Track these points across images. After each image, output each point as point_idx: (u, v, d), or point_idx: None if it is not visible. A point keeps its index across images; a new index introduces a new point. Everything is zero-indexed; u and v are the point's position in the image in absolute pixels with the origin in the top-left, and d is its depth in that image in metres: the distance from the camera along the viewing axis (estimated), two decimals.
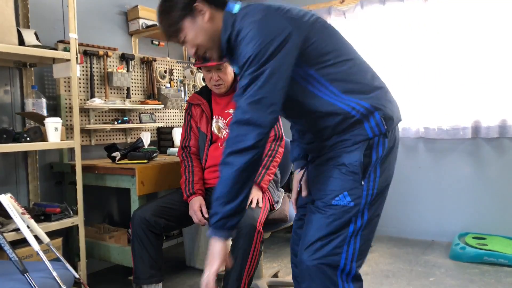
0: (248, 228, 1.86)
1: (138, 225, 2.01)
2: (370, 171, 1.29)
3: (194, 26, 1.34)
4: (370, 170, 1.29)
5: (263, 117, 1.19)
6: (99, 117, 2.89)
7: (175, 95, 3.30)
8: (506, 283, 2.52)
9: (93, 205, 2.85)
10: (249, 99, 1.20)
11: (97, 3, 2.97)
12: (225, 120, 2.24)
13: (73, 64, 2.24)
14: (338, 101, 1.28)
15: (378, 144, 1.29)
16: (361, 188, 1.28)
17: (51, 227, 2.16)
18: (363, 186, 1.28)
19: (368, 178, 1.29)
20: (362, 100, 1.29)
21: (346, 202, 1.28)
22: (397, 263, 2.91)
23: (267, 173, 2.12)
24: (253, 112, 1.19)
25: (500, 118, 3.10)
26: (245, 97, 1.21)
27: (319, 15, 1.34)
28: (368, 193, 1.29)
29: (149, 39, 3.35)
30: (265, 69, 1.19)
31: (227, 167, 1.22)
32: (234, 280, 1.86)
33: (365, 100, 1.29)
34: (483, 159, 3.22)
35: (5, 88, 2.44)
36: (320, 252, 1.28)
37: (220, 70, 2.11)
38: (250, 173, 1.23)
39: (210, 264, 1.31)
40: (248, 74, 1.21)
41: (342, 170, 1.29)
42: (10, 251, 1.50)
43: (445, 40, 3.26)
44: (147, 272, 2.01)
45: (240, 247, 1.86)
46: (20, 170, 2.50)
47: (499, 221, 3.15)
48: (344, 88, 1.29)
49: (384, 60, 3.49)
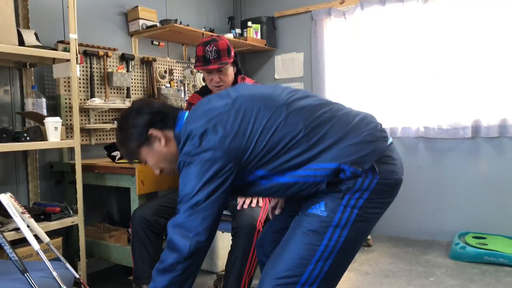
0: (248, 227, 1.86)
1: (138, 224, 2.01)
2: (351, 197, 1.26)
3: (153, 152, 1.39)
4: (352, 197, 1.26)
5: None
6: (99, 117, 2.89)
7: (175, 95, 3.31)
8: (506, 283, 2.52)
9: (93, 204, 2.85)
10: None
11: (97, 4, 2.97)
12: None
13: (73, 64, 2.24)
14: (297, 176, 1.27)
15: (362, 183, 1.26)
16: (338, 203, 1.26)
17: (51, 226, 2.16)
18: (342, 202, 1.26)
19: (348, 201, 1.26)
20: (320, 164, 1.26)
21: (320, 211, 1.27)
22: (397, 263, 2.91)
23: None
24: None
25: (500, 117, 3.10)
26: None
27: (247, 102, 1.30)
28: (344, 213, 1.26)
29: (149, 39, 3.35)
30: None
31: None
32: (234, 280, 1.86)
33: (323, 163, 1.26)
34: (483, 159, 3.21)
35: (5, 88, 2.44)
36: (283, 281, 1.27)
37: (221, 71, 2.11)
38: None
39: None
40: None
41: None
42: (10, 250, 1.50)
43: (445, 40, 3.26)
44: (147, 271, 2.01)
45: (240, 246, 1.86)
46: (20, 170, 2.50)
47: (499, 221, 3.15)
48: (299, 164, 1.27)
49: (384, 61, 3.50)
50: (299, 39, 3.97)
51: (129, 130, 1.38)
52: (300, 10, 3.92)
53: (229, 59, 2.11)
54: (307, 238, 1.26)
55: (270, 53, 4.15)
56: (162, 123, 1.37)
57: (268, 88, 1.40)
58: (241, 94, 1.34)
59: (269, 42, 3.99)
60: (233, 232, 1.93)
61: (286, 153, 1.25)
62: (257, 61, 4.24)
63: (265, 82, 4.19)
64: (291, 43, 4.03)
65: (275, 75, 4.15)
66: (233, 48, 2.15)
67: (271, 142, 1.25)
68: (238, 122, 1.26)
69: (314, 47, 3.83)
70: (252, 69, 4.29)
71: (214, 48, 2.07)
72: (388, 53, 3.47)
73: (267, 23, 3.96)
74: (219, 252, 2.75)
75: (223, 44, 2.10)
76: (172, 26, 3.07)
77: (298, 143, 1.25)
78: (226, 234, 2.64)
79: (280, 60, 4.10)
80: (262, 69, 4.23)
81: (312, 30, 3.84)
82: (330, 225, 1.25)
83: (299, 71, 3.99)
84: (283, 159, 1.26)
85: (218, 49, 2.08)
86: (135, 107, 1.40)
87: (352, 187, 1.25)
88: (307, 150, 1.25)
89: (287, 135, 1.25)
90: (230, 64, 2.14)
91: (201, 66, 2.12)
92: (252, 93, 1.36)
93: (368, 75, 3.58)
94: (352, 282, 2.59)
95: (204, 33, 3.30)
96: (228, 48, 2.11)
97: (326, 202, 1.27)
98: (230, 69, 2.15)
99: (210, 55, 2.08)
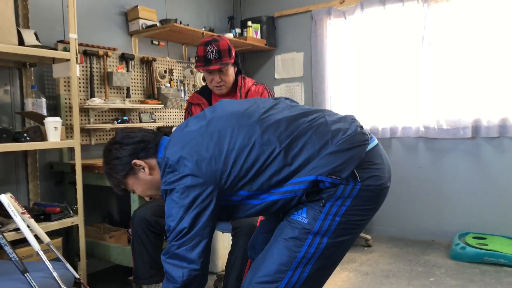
0: (248, 227, 1.86)
1: (138, 224, 2.01)
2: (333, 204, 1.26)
3: (139, 181, 1.41)
4: (335, 204, 1.26)
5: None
6: (99, 117, 2.88)
7: (175, 94, 3.30)
8: (506, 283, 2.52)
9: (93, 204, 2.85)
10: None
11: (97, 4, 2.97)
12: None
13: (73, 64, 2.24)
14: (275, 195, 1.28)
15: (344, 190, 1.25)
16: (319, 211, 1.25)
17: (51, 226, 2.15)
18: (323, 210, 1.25)
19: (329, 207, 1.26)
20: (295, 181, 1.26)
21: (301, 218, 1.27)
22: (397, 263, 2.91)
23: None
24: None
25: (500, 117, 3.10)
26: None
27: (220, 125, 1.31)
28: (326, 220, 1.25)
29: (149, 39, 3.35)
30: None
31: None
32: (234, 280, 1.86)
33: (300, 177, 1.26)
34: (483, 159, 3.21)
35: (5, 88, 2.44)
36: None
37: (222, 72, 2.11)
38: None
39: None
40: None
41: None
42: (10, 251, 1.50)
43: (445, 40, 3.26)
44: (147, 272, 2.01)
45: (240, 246, 1.86)
46: (20, 170, 2.50)
47: (499, 221, 3.15)
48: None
49: (384, 61, 3.49)
50: (299, 39, 3.97)
51: (113, 162, 1.40)
52: (300, 10, 3.92)
53: (230, 59, 2.11)
54: (288, 244, 1.27)
55: (270, 53, 4.15)
56: (144, 152, 1.38)
57: (244, 104, 1.40)
58: (216, 115, 1.35)
59: (269, 42, 3.99)
60: (233, 232, 1.93)
61: (265, 171, 1.25)
62: (257, 61, 4.24)
63: (265, 82, 4.19)
64: (291, 43, 4.03)
65: (275, 75, 4.14)
66: (233, 48, 2.15)
67: (248, 162, 1.25)
68: (212, 145, 1.26)
69: (314, 47, 3.83)
70: (252, 69, 4.29)
71: (215, 48, 2.06)
72: (388, 53, 3.47)
73: (267, 22, 3.96)
74: (219, 252, 2.75)
75: (224, 44, 2.09)
76: (172, 25, 3.07)
77: (275, 160, 1.25)
78: (226, 234, 2.64)
79: (280, 60, 4.10)
80: (262, 69, 4.23)
81: (312, 30, 3.84)
82: (310, 232, 1.25)
83: (299, 71, 3.99)
84: (264, 178, 1.26)
85: (219, 49, 2.07)
86: (118, 138, 1.42)
87: (333, 194, 1.25)
88: (286, 165, 1.25)
89: (264, 153, 1.25)
90: (231, 65, 2.14)
91: (202, 66, 2.11)
92: (227, 112, 1.36)
93: (368, 75, 3.58)
94: (352, 282, 2.59)
95: (204, 33, 3.30)
96: (229, 48, 2.10)
97: (308, 209, 1.27)
98: (231, 69, 2.14)
99: (211, 55, 2.07)
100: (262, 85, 2.25)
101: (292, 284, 1.26)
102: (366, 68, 3.58)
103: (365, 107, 3.61)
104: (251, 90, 2.20)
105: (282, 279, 1.26)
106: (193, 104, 2.29)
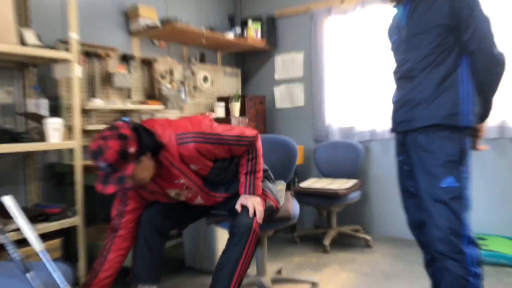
0: (245, 227, 1.85)
1: (147, 223, 1.98)
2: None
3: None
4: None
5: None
6: (100, 118, 2.88)
7: (176, 95, 3.30)
8: (506, 284, 2.52)
9: (93, 205, 2.85)
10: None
11: (98, 3, 2.97)
12: (178, 189, 1.96)
13: (74, 64, 2.24)
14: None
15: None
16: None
17: (51, 227, 2.16)
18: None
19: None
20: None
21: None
22: (398, 263, 2.91)
23: (256, 177, 2.00)
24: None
25: (499, 118, 3.10)
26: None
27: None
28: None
29: (150, 39, 3.35)
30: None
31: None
32: (226, 275, 1.83)
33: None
34: (483, 160, 3.21)
35: (7, 89, 2.44)
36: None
37: (133, 177, 1.73)
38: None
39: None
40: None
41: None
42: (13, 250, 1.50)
43: None
44: (146, 272, 2.00)
45: (235, 243, 1.85)
46: (20, 171, 2.50)
47: (499, 221, 3.15)
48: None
49: (384, 61, 3.49)
50: (299, 38, 3.97)
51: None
52: (300, 9, 3.91)
53: (129, 164, 1.64)
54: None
55: (270, 53, 4.15)
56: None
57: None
58: None
59: (269, 42, 3.99)
60: (229, 230, 1.92)
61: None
62: (257, 61, 4.24)
63: (265, 82, 4.20)
64: (291, 43, 4.03)
65: (275, 75, 4.14)
66: (131, 142, 1.64)
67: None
68: None
69: (314, 47, 3.83)
70: (252, 69, 4.29)
71: (103, 164, 1.62)
72: (388, 53, 3.46)
73: (267, 22, 3.95)
74: (219, 253, 2.74)
75: (111, 155, 1.60)
76: (172, 25, 3.06)
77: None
78: (226, 234, 2.64)
79: (280, 60, 4.10)
80: (262, 69, 4.23)
81: (312, 30, 3.83)
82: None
83: (299, 71, 3.99)
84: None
85: (108, 163, 1.61)
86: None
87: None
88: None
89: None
90: (135, 162, 1.67)
91: (101, 188, 1.64)
92: None
93: (368, 75, 3.57)
94: (352, 283, 2.59)
95: (204, 32, 3.30)
96: (121, 153, 1.61)
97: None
98: (141, 164, 1.71)
99: (105, 171, 1.65)
100: (192, 142, 1.81)
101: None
102: (366, 68, 3.57)
103: (365, 107, 3.61)
104: (183, 155, 1.81)
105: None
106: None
